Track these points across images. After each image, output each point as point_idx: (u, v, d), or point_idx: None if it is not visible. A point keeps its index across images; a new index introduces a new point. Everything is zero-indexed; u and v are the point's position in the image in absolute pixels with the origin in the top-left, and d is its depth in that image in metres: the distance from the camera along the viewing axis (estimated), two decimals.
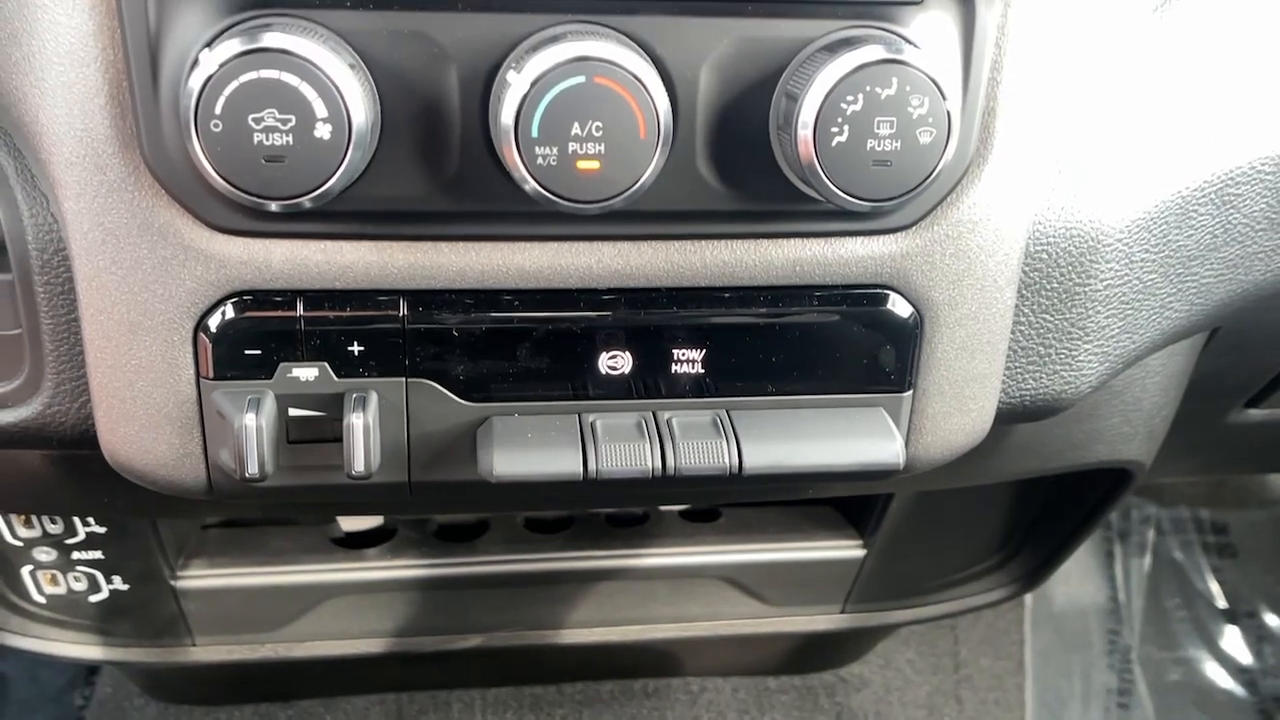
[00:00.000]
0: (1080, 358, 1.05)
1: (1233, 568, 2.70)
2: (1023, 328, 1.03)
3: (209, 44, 0.80)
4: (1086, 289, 1.02)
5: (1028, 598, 2.51)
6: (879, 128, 0.83)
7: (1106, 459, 1.36)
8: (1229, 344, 1.30)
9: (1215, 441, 1.59)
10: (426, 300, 0.92)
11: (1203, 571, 2.70)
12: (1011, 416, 1.08)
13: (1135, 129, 1.02)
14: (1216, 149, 1.03)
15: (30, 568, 1.59)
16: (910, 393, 0.99)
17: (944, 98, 0.82)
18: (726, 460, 0.93)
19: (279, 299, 0.90)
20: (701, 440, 0.93)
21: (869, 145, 0.83)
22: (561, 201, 0.82)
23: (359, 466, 0.91)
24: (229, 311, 0.90)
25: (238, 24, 0.81)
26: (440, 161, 0.86)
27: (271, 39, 0.77)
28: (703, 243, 0.93)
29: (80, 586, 1.62)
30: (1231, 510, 2.76)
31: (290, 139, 0.78)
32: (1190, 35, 1.04)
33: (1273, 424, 1.56)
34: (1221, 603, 2.64)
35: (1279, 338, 1.30)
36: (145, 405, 0.92)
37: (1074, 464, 1.35)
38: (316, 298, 0.91)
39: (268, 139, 0.78)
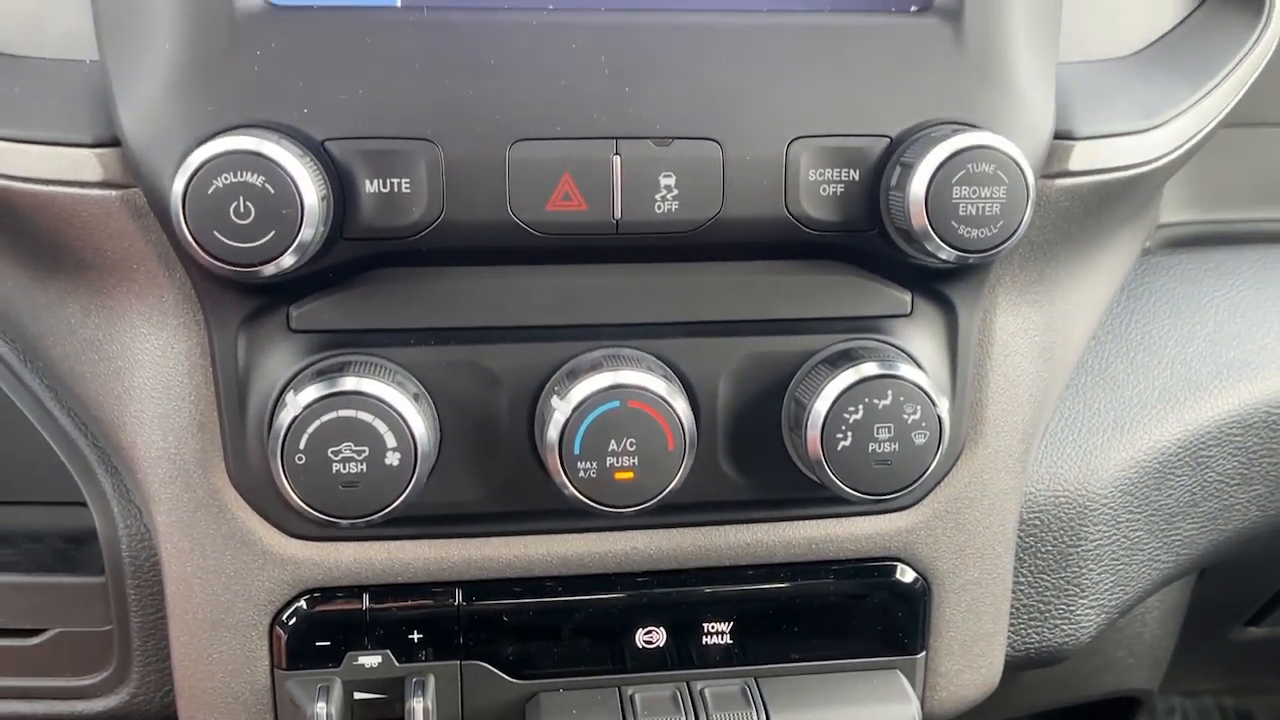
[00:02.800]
0: (1078, 612, 1.14)
1: None
2: (1023, 587, 1.12)
3: (292, 382, 0.92)
4: (1079, 549, 1.12)
5: None
6: (878, 432, 0.94)
7: (1114, 689, 1.43)
8: (1220, 576, 1.38)
9: (1221, 659, 1.66)
10: (479, 590, 1.02)
11: None
12: (1018, 666, 1.16)
13: (1111, 402, 1.13)
14: (1187, 416, 1.14)
15: None
16: (923, 654, 1.07)
17: (934, 404, 0.94)
18: None
19: (347, 594, 1.00)
20: (732, 711, 1.02)
21: (870, 448, 0.93)
22: (600, 508, 0.92)
23: None
24: (302, 607, 1.00)
25: (316, 362, 0.93)
26: (491, 470, 0.97)
27: (348, 383, 0.89)
28: (726, 527, 1.03)
29: None
30: (1254, 697, 2.77)
31: (364, 467, 0.89)
32: (1155, 314, 1.17)
33: (1275, 640, 1.63)
34: None
35: (1265, 568, 1.38)
36: (224, 695, 1.01)
37: (1083, 696, 1.43)
38: (380, 591, 1.00)
39: (345, 468, 0.89)
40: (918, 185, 0.88)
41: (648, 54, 0.90)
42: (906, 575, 1.06)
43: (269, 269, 0.84)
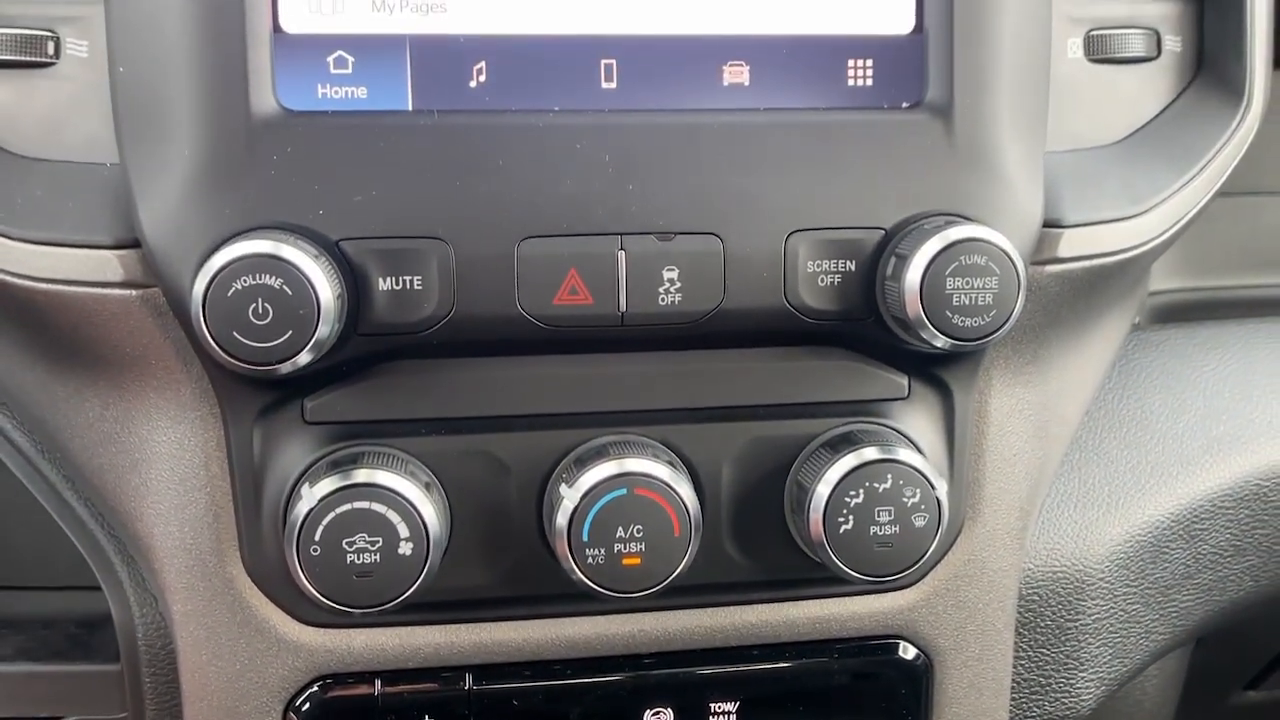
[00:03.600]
0: (1078, 685, 1.15)
1: None
2: (1023, 662, 1.14)
3: (306, 474, 0.94)
4: (1077, 623, 1.13)
5: None
6: (879, 515, 0.96)
7: None
8: (1217, 642, 1.40)
9: None
10: (489, 673, 1.03)
11: None
12: None
13: (1105, 477, 1.16)
14: (1180, 490, 1.17)
15: None
16: None
17: (933, 487, 0.96)
18: None
19: (359, 680, 1.02)
20: None
21: (871, 531, 0.96)
22: (608, 593, 0.94)
23: None
24: (315, 693, 1.01)
25: (330, 453, 0.95)
26: (501, 557, 0.99)
27: (362, 475, 0.91)
28: (731, 608, 1.05)
29: None
30: None
31: (378, 557, 0.91)
32: (1146, 389, 1.19)
33: (1273, 704, 1.64)
34: None
35: (1262, 633, 1.40)
36: None
37: None
38: (392, 676, 1.02)
39: (359, 559, 0.90)
40: (913, 276, 0.91)
41: (649, 153, 0.93)
42: (908, 653, 1.07)
43: (286, 367, 0.86)
